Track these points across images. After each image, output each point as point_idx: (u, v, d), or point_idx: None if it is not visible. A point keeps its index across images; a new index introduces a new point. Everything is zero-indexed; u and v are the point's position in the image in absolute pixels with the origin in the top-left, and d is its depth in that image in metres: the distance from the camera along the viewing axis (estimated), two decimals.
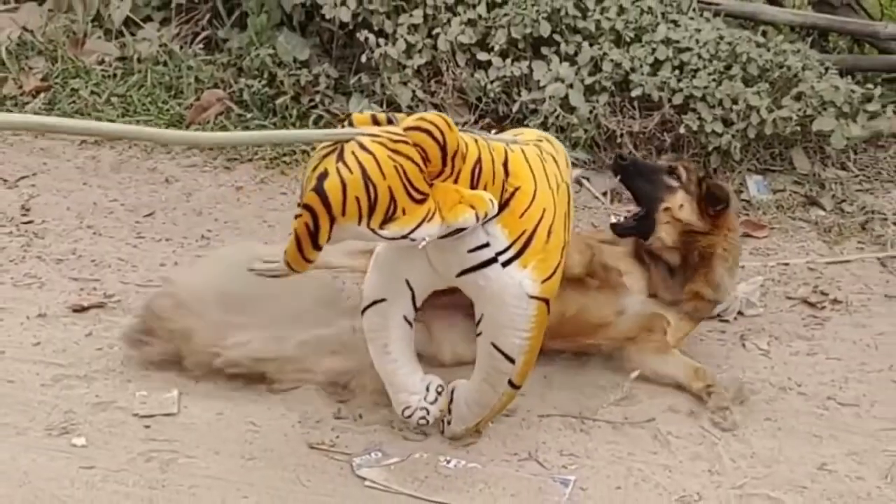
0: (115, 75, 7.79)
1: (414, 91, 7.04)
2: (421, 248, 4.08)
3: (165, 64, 7.78)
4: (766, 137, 6.60)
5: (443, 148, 4.00)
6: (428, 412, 4.54)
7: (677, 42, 6.83)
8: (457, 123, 4.14)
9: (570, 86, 6.77)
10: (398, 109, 6.97)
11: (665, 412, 4.79)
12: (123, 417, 4.73)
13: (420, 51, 7.08)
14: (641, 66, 6.74)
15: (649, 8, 7.00)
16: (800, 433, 4.72)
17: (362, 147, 3.92)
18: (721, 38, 6.85)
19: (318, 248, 3.94)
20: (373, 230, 3.95)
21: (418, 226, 3.97)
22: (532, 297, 4.26)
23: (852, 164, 6.78)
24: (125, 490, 4.32)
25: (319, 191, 3.86)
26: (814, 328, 5.49)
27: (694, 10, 7.16)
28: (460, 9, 7.07)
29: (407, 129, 4.01)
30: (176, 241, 6.23)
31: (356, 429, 4.67)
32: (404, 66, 7.08)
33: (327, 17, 7.24)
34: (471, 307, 4.47)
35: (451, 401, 4.60)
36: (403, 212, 3.95)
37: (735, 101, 6.50)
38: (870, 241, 6.22)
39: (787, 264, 5.92)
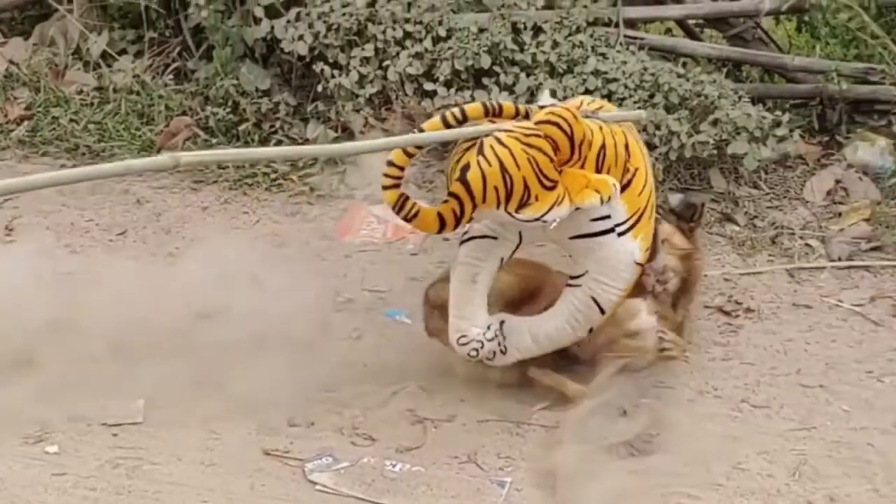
0: (92, 104, 7.63)
1: (366, 118, 6.96)
2: (552, 228, 4.29)
3: (138, 93, 7.62)
4: (686, 160, 6.50)
5: (570, 137, 4.21)
6: (482, 346, 4.55)
7: (606, 73, 6.75)
8: None
9: None
10: (351, 135, 6.93)
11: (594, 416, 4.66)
12: (93, 426, 4.62)
13: (371, 81, 6.99)
14: (574, 94, 6.64)
15: (580, 42, 6.91)
16: (716, 434, 4.65)
17: (499, 142, 4.18)
18: (645, 69, 6.77)
19: (457, 228, 4.31)
20: (510, 213, 4.22)
21: (549, 209, 4.20)
22: (637, 263, 4.56)
23: (763, 184, 6.71)
24: (94, 496, 4.23)
25: (464, 181, 4.17)
26: (729, 335, 5.40)
27: (621, 44, 7.07)
28: (408, 43, 6.98)
29: (538, 122, 4.24)
30: (145, 258, 6.12)
31: (308, 435, 4.57)
32: (357, 95, 6.98)
33: (286, 50, 7.14)
34: None
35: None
36: (536, 198, 4.18)
37: (658, 127, 6.41)
38: (779, 253, 6.14)
39: (705, 276, 5.83)
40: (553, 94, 6.15)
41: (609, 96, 6.60)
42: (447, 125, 4.33)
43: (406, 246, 6.22)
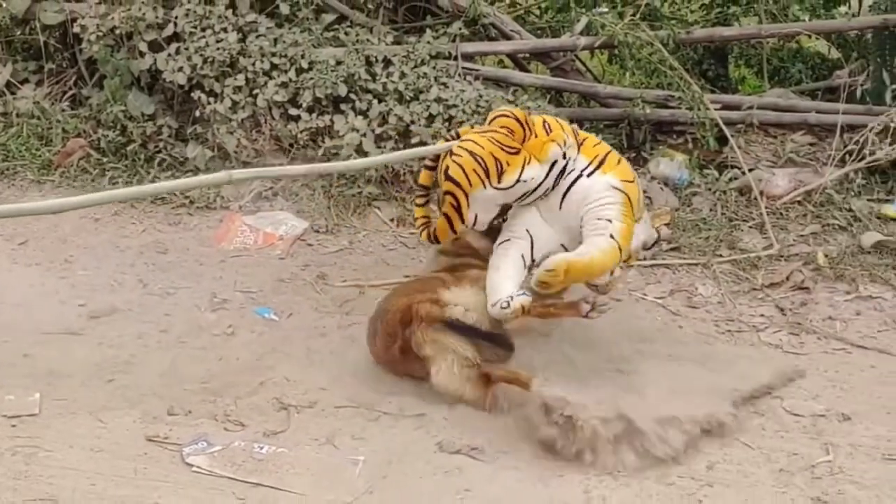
0: None
1: (239, 139, 6.89)
2: (534, 189, 4.54)
3: (39, 118, 7.42)
4: None
5: (517, 119, 4.54)
6: (512, 298, 4.52)
7: (446, 100, 6.76)
8: None
9: (364, 135, 6.67)
10: (226, 155, 6.88)
11: (432, 404, 4.57)
12: None
13: (243, 107, 6.91)
14: (419, 119, 6.64)
15: (424, 73, 6.91)
16: None
17: (463, 140, 4.56)
18: (480, 96, 6.79)
19: (463, 220, 4.56)
20: (495, 188, 4.49)
21: (522, 170, 4.48)
22: (614, 187, 4.58)
23: None
24: None
25: (448, 177, 4.49)
26: (551, 325, 5.26)
27: (459, 75, 7.08)
28: (275, 73, 6.91)
29: (490, 121, 4.63)
30: (44, 265, 5.94)
31: (186, 422, 4.47)
32: (230, 119, 6.91)
33: (168, 80, 7.03)
34: None
35: None
36: (508, 164, 4.46)
37: None
38: None
39: None
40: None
41: (449, 120, 6.62)
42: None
43: (274, 251, 6.14)
